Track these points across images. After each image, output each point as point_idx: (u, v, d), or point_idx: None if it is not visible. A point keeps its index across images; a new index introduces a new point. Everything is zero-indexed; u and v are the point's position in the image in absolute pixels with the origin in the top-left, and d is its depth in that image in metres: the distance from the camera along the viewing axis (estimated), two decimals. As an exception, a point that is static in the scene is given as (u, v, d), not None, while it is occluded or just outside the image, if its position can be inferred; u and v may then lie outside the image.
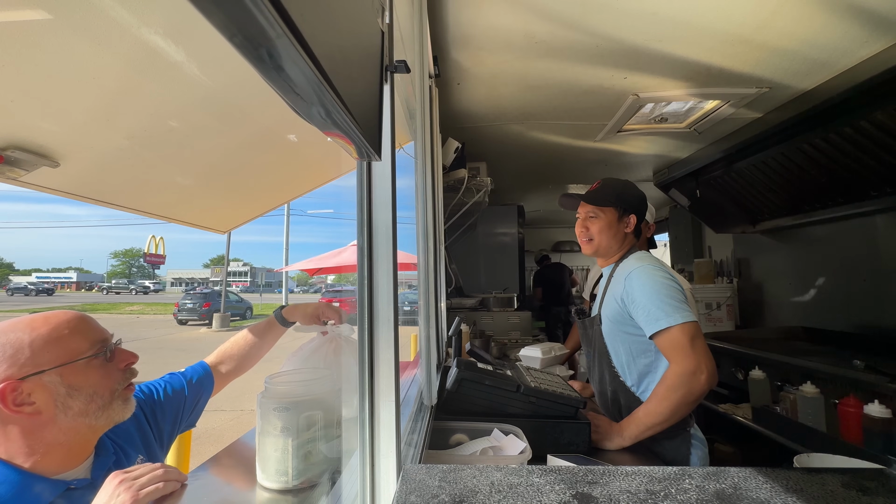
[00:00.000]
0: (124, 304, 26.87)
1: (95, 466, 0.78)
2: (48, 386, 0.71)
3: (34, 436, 0.71)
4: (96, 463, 0.79)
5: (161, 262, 26.40)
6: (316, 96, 0.31)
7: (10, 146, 0.91)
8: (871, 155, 2.04)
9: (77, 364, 0.74)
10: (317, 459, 0.72)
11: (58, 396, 0.71)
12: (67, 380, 0.72)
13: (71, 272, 79.90)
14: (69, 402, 0.72)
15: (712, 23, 1.44)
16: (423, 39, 1.23)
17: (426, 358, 1.28)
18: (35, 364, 0.70)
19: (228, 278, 17.81)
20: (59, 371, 0.72)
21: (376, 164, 0.66)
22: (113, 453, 0.82)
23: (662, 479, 0.64)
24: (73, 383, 0.73)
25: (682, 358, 1.17)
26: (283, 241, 16.43)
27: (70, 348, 0.74)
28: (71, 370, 0.73)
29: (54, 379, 0.71)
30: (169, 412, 0.99)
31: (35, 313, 0.75)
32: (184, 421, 1.04)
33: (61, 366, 0.72)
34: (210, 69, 0.89)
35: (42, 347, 0.71)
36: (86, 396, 0.74)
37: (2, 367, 0.69)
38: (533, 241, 6.40)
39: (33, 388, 0.70)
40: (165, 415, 0.98)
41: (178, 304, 15.41)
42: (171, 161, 1.24)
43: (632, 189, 1.48)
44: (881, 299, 2.39)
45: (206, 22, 0.20)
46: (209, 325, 13.88)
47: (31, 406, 0.70)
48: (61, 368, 0.72)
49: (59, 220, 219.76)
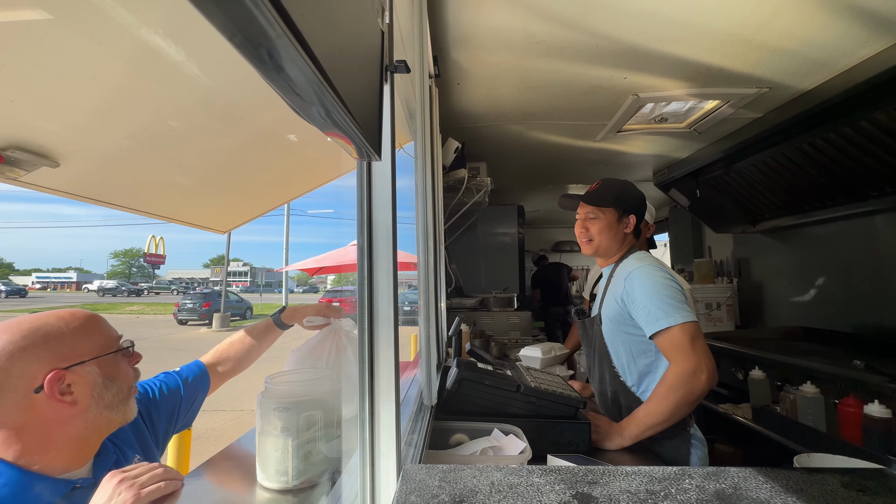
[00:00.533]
0: (124, 304, 26.88)
1: (97, 466, 0.78)
2: (88, 376, 0.72)
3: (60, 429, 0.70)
4: (97, 463, 0.78)
5: (161, 262, 26.42)
6: (316, 96, 0.31)
7: (10, 146, 0.91)
8: (871, 155, 2.04)
9: (111, 356, 0.76)
10: (317, 459, 0.72)
11: (95, 387, 0.72)
12: (104, 371, 0.74)
13: (71, 272, 79.91)
14: (104, 393, 0.73)
15: (712, 23, 1.44)
16: (423, 39, 1.23)
17: (426, 358, 1.28)
18: (78, 354, 0.71)
19: (228, 278, 17.82)
20: (98, 361, 0.73)
21: (376, 164, 0.66)
22: (113, 453, 0.82)
23: (662, 479, 0.64)
24: (108, 374, 0.75)
25: (683, 358, 1.17)
26: (283, 241, 16.42)
27: (102, 341, 0.76)
28: (107, 362, 0.75)
29: (94, 370, 0.73)
30: (164, 412, 0.98)
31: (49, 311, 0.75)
32: (179, 421, 1.03)
33: (101, 356, 0.74)
34: (210, 69, 0.89)
35: (81, 339, 0.73)
36: (116, 388, 0.76)
37: (44, 356, 0.68)
38: (533, 241, 6.40)
39: (75, 378, 0.70)
40: (161, 414, 0.97)
41: (178, 304, 15.42)
42: (171, 161, 1.24)
43: (631, 189, 1.48)
44: (881, 299, 2.39)
45: (206, 22, 0.20)
46: (209, 325, 13.89)
47: (71, 396, 0.70)
48: (99, 359, 0.74)
49: (59, 220, 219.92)
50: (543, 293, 5.25)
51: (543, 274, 5.39)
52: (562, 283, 5.30)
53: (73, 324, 0.73)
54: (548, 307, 5.18)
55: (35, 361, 0.68)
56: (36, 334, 0.69)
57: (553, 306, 5.18)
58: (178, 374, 1.05)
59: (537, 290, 5.29)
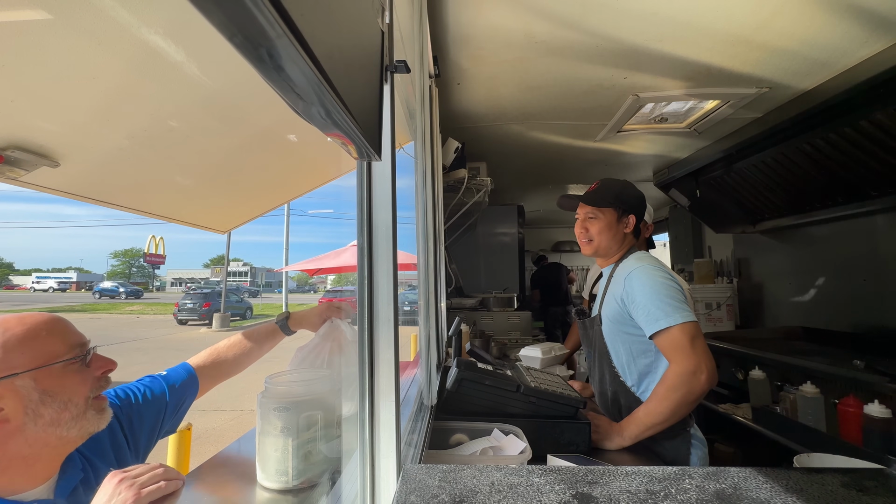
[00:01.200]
0: (124, 304, 26.88)
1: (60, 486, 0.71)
2: (20, 391, 0.65)
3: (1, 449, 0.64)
4: (61, 482, 0.71)
5: (161, 262, 26.41)
6: (316, 96, 0.31)
7: (10, 146, 0.91)
8: (871, 155, 2.03)
9: (53, 368, 0.68)
10: (317, 459, 0.72)
11: (29, 403, 0.65)
12: (41, 384, 0.66)
13: (71, 272, 79.89)
14: (41, 409, 0.66)
15: (712, 23, 1.44)
16: (423, 39, 1.23)
17: (426, 358, 1.28)
18: (8, 367, 0.64)
19: (228, 278, 17.83)
20: (34, 374, 0.66)
21: (376, 164, 0.66)
22: (81, 470, 0.75)
23: (662, 479, 0.64)
24: (47, 388, 0.67)
25: (682, 358, 1.17)
26: (283, 241, 16.42)
27: (46, 351, 0.68)
28: (46, 374, 0.67)
29: (27, 383, 0.65)
30: (147, 419, 0.91)
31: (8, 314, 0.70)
32: (164, 428, 0.96)
33: (36, 369, 0.66)
34: (210, 69, 0.89)
35: (16, 348, 0.66)
36: (59, 404, 0.68)
37: None
38: (533, 241, 6.40)
39: (3, 392, 0.63)
40: (143, 422, 0.90)
41: (178, 304, 15.42)
42: (171, 161, 1.24)
43: (630, 189, 1.48)
44: (881, 299, 2.39)
45: (206, 22, 0.20)
46: (209, 325, 13.89)
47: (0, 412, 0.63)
48: (36, 372, 0.66)
49: (59, 220, 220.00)
50: (543, 293, 5.26)
51: (543, 274, 5.40)
52: (561, 284, 5.31)
53: (11, 332, 0.66)
54: (547, 307, 5.19)
55: None
56: None
57: (552, 306, 5.19)
58: (165, 379, 0.98)
59: (536, 290, 5.30)
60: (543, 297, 5.25)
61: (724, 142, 2.58)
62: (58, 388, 0.68)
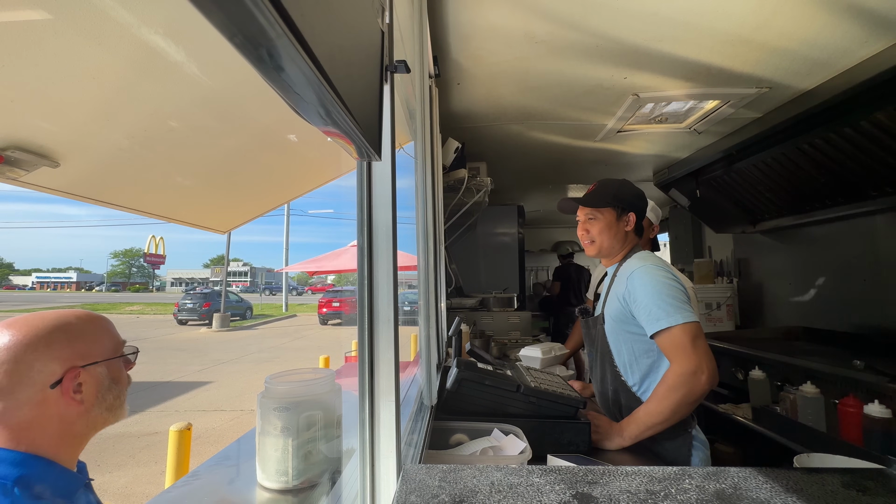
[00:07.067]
0: (124, 304, 26.88)
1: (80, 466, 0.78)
2: (98, 377, 0.72)
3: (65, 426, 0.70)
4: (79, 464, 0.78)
5: (161, 262, 26.40)
6: (316, 96, 0.31)
7: (10, 146, 0.91)
8: (871, 155, 2.03)
9: (116, 360, 0.77)
10: (317, 459, 0.72)
11: (101, 388, 0.73)
12: (111, 373, 0.75)
13: (71, 272, 79.92)
14: (107, 395, 0.74)
15: (712, 23, 1.44)
16: (423, 39, 1.23)
17: (426, 358, 1.28)
18: (94, 354, 0.72)
19: (228, 278, 17.82)
20: (108, 364, 0.74)
21: (376, 164, 0.66)
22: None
23: (662, 479, 0.64)
24: (113, 377, 0.75)
25: (683, 358, 1.17)
26: (283, 241, 16.42)
27: (114, 343, 0.77)
28: (114, 364, 0.76)
29: (103, 371, 0.73)
30: None
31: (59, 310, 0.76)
32: None
33: (112, 359, 0.75)
34: (210, 69, 0.89)
35: (97, 339, 0.74)
36: (118, 391, 0.76)
37: (66, 353, 0.69)
38: (533, 241, 6.40)
39: (87, 377, 0.71)
40: None
41: (178, 304, 15.42)
42: (171, 161, 1.24)
43: (628, 187, 1.48)
44: (881, 299, 2.39)
45: (206, 22, 0.20)
46: (209, 325, 13.89)
47: (80, 395, 0.70)
48: (109, 362, 0.74)
49: (59, 220, 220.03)
50: (563, 288, 5.24)
51: (567, 271, 5.36)
52: (582, 285, 5.28)
53: (90, 324, 0.74)
54: (563, 305, 5.17)
55: (57, 357, 0.68)
56: (60, 331, 0.70)
57: (568, 305, 5.16)
58: None
59: (558, 283, 5.26)
60: (562, 293, 5.23)
61: (724, 142, 2.58)
62: (119, 378, 0.77)
